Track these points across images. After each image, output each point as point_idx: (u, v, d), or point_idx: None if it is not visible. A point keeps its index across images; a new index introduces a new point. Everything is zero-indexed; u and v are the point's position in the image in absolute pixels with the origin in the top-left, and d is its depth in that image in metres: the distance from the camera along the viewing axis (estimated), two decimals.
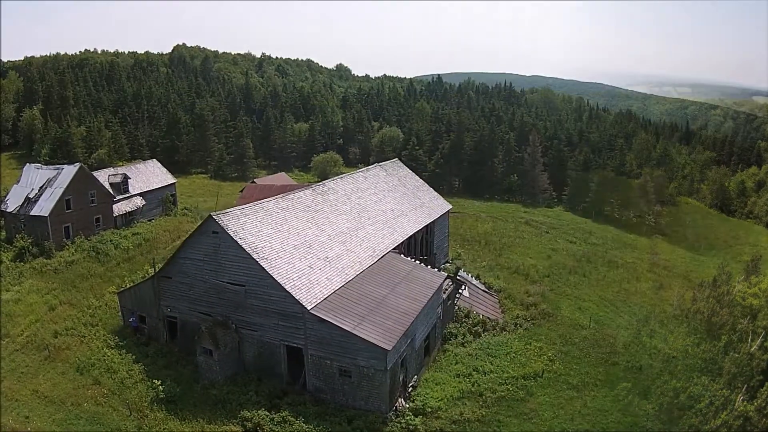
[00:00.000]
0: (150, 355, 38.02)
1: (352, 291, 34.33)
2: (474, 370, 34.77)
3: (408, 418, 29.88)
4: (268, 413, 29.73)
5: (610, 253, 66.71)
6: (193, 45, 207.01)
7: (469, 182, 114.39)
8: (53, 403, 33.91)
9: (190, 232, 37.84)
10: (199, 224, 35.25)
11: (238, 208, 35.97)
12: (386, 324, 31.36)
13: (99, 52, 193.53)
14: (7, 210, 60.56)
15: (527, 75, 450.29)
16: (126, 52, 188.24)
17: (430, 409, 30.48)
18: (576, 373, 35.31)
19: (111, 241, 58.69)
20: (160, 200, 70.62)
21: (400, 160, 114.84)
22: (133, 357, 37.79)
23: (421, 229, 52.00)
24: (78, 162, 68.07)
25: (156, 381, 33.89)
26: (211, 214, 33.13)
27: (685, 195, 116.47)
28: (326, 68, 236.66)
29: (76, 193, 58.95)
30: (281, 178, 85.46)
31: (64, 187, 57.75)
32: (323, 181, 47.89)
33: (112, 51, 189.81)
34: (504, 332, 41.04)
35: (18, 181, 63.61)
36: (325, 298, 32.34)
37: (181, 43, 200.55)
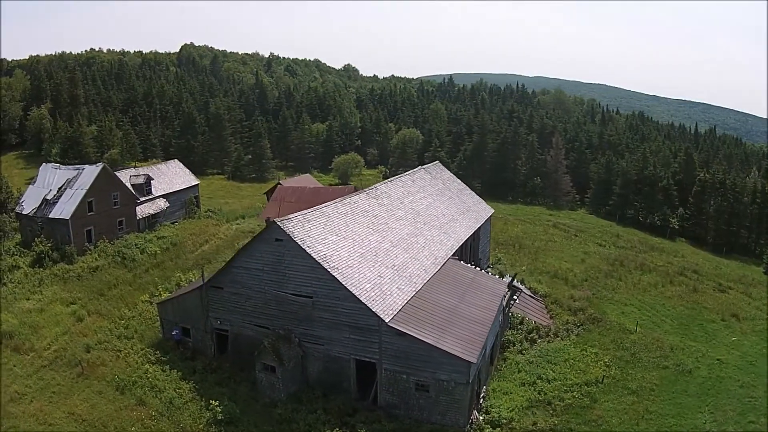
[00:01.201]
0: (198, 371, 34.56)
1: (424, 301, 32.40)
2: (538, 378, 33.91)
3: (487, 430, 28.83)
4: None
5: (641, 256, 65.71)
6: (200, 44, 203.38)
7: (492, 184, 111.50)
8: (93, 426, 30.29)
9: (249, 239, 35.35)
10: (260, 231, 32.40)
11: (299, 213, 32.89)
12: (465, 335, 30.00)
13: (105, 51, 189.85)
14: (23, 212, 56.89)
15: (530, 75, 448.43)
16: (132, 52, 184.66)
17: (505, 420, 29.37)
18: (632, 378, 35.02)
19: (136, 245, 54.97)
20: (183, 202, 67.08)
21: (421, 161, 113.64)
22: (179, 373, 34.30)
23: (471, 234, 49.98)
24: (93, 162, 64.57)
25: (213, 401, 30.24)
26: (275, 220, 30.55)
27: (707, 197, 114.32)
28: (334, 68, 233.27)
29: (99, 194, 55.30)
30: (307, 179, 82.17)
31: (87, 188, 54.09)
32: (374, 185, 45.35)
33: (118, 50, 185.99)
34: (557, 338, 40.17)
35: (33, 182, 59.94)
36: (399, 310, 30.34)
37: (188, 43, 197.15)
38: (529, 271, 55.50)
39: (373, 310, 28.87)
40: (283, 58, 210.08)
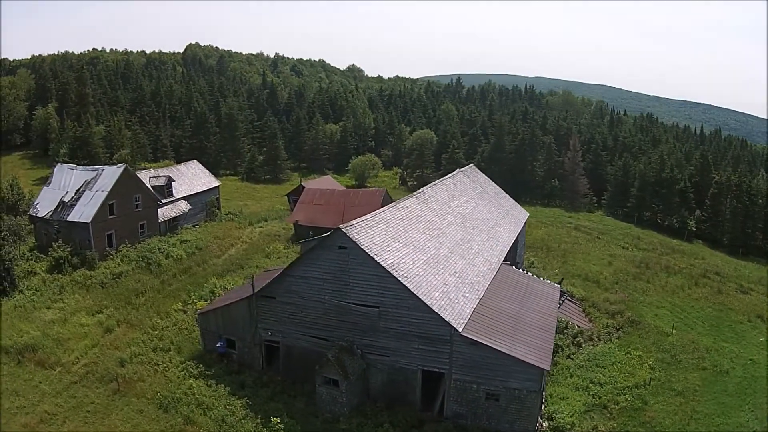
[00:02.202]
0: (247, 385, 32.09)
1: (488, 308, 31.66)
2: (590, 382, 33.68)
3: None
4: None
5: (664, 258, 65.32)
6: (205, 44, 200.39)
7: (510, 186, 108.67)
8: None
9: (310, 247, 33.04)
10: (321, 238, 31.47)
11: (360, 219, 31.06)
12: (533, 342, 29.63)
13: (108, 51, 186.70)
14: (38, 215, 53.94)
15: (531, 76, 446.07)
16: (136, 51, 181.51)
17: (567, 426, 28.99)
18: (676, 380, 35.26)
19: (159, 249, 52.15)
20: (204, 204, 64.21)
21: (438, 163, 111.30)
22: (227, 388, 31.77)
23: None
24: (102, 163, 61.58)
25: (274, 418, 28.02)
26: (340, 226, 29.01)
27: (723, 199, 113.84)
28: (339, 69, 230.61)
29: (120, 196, 52.44)
30: (328, 181, 79.55)
31: (108, 190, 51.21)
32: (421, 189, 43.10)
33: (121, 50, 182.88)
34: (600, 342, 39.97)
35: (48, 183, 56.97)
36: (469, 318, 29.45)
37: (193, 42, 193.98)
38: (561, 274, 54.27)
39: (447, 319, 27.90)
40: (289, 58, 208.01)
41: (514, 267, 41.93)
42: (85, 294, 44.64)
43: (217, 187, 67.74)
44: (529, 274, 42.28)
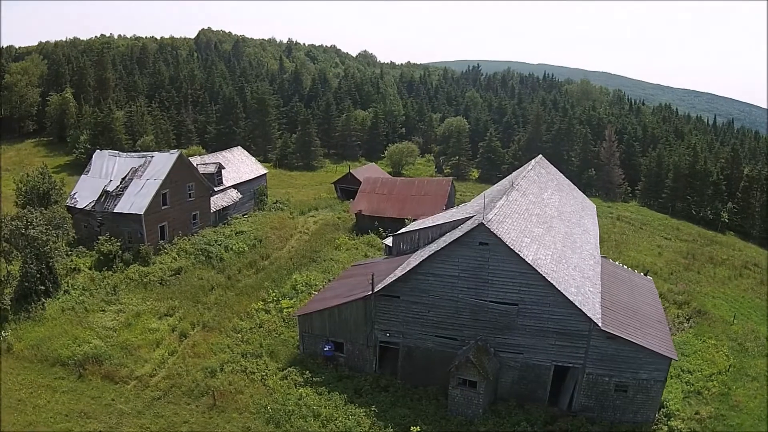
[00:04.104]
0: (364, 391, 28.94)
1: (608, 302, 30.94)
2: (681, 371, 33.83)
3: (673, 422, 28.46)
4: None
5: (706, 249, 65.84)
6: (217, 29, 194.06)
7: None
8: None
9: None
10: (461, 234, 28.50)
11: (493, 215, 29.10)
12: (656, 333, 29.74)
13: (116, 36, 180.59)
14: (77, 206, 48.91)
15: (534, 63, 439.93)
16: (146, 37, 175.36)
17: (675, 412, 29.22)
18: (749, 366, 35.41)
19: (217, 242, 47.32)
20: (252, 193, 59.40)
21: (475, 150, 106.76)
22: (342, 396, 28.23)
23: None
24: (125, 149, 56.40)
25: (413, 427, 25.87)
26: (482, 222, 27.53)
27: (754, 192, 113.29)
28: (351, 55, 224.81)
29: (174, 185, 47.62)
30: (375, 169, 74.97)
31: (162, 178, 46.28)
32: (513, 182, 39.47)
33: (130, 36, 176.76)
34: (677, 331, 39.63)
35: (87, 171, 51.98)
36: (600, 313, 28.77)
37: (206, 28, 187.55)
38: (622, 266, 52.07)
39: (589, 315, 27.49)
40: (302, 44, 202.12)
41: (610, 260, 40.55)
42: (144, 293, 39.98)
43: (264, 174, 63.02)
44: (624, 266, 41.08)
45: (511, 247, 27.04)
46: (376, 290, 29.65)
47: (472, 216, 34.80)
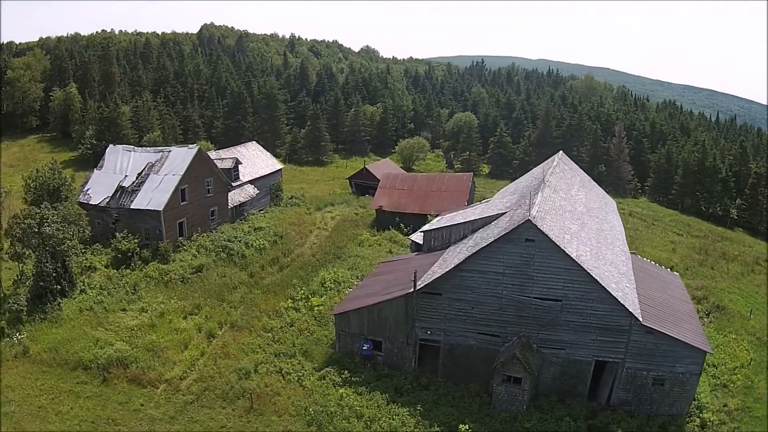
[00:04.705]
0: (405, 390, 28.36)
1: (644, 297, 31.10)
2: (707, 365, 33.64)
3: (704, 414, 29.00)
4: None
5: (717, 245, 66.10)
6: (219, 24, 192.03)
7: None
8: None
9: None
10: (506, 230, 28.50)
11: (535, 211, 28.81)
12: (690, 327, 30.21)
13: (117, 32, 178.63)
14: (90, 202, 47.45)
15: (534, 58, 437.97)
16: (147, 32, 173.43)
17: (706, 404, 29.77)
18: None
19: (237, 238, 45.99)
20: (268, 189, 58.06)
21: (485, 146, 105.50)
22: (384, 395, 27.45)
23: None
24: (131, 144, 54.83)
25: (462, 425, 25.50)
26: (529, 218, 27.49)
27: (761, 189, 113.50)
28: (353, 50, 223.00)
29: (192, 181, 46.24)
30: (388, 164, 73.82)
31: (181, 174, 44.89)
32: (543, 178, 38.25)
33: (131, 31, 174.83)
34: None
35: (100, 167, 50.50)
36: (638, 308, 29.09)
37: (209, 23, 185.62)
38: None
39: (630, 310, 27.84)
40: (306, 39, 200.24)
41: (637, 255, 40.35)
42: (165, 292, 38.64)
43: (280, 170, 61.80)
44: (652, 262, 41.37)
45: (558, 244, 27.12)
46: (418, 288, 29.03)
47: (504, 212, 34.74)
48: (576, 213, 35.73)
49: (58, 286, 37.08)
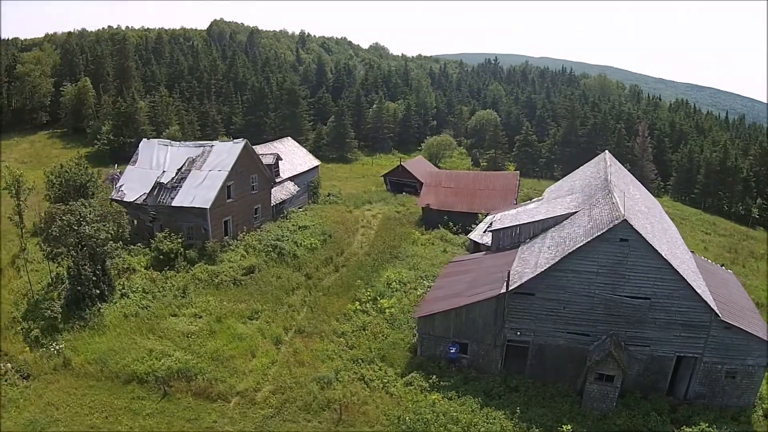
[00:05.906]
0: (494, 393, 27.25)
1: (713, 293, 31.40)
2: None
3: (766, 405, 29.82)
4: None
5: (744, 244, 66.10)
6: (230, 20, 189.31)
7: None
8: None
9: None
10: (603, 230, 28.28)
11: (624, 210, 28.61)
12: (757, 322, 30.98)
13: (124, 28, 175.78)
14: (124, 199, 44.75)
15: (536, 56, 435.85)
16: (155, 28, 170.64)
17: (766, 395, 30.34)
18: None
19: (284, 237, 43.48)
20: (306, 185, 55.62)
21: (511, 143, 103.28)
22: (477, 399, 26.01)
23: None
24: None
25: (564, 426, 24.94)
26: (625, 218, 27.67)
27: None
28: (362, 47, 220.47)
29: (238, 177, 43.78)
30: (422, 162, 71.50)
31: (228, 170, 42.37)
32: (606, 178, 37.10)
33: (138, 27, 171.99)
34: None
35: (134, 162, 47.81)
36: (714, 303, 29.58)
37: (219, 18, 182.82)
38: None
39: (712, 306, 28.60)
40: (316, 36, 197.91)
41: (695, 253, 40.76)
42: (217, 295, 35.99)
43: (317, 167, 59.40)
44: (708, 260, 41.83)
45: (652, 244, 27.50)
46: (510, 288, 28.52)
47: (574, 212, 34.23)
48: (643, 212, 34.89)
49: (97, 291, 34.38)
